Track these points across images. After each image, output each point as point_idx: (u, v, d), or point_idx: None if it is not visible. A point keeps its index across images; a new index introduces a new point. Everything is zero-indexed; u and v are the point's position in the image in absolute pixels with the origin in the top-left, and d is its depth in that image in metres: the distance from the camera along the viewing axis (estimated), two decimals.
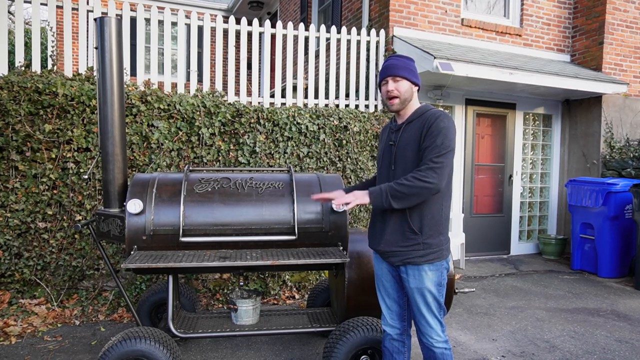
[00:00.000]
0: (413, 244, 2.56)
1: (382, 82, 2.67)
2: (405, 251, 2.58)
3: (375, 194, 2.52)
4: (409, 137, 2.62)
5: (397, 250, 2.61)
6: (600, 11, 7.71)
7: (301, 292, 5.52)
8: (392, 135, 2.72)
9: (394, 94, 2.61)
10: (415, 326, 2.72)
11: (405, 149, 2.61)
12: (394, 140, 2.68)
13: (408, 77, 2.62)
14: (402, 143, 2.63)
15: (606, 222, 6.65)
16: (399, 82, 2.61)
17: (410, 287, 2.61)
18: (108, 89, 3.46)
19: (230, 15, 7.30)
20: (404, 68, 2.62)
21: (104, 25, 3.40)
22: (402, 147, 2.63)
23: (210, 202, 3.43)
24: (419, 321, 2.66)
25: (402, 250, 2.59)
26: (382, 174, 2.76)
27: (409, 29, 6.92)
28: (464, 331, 4.58)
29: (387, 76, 2.62)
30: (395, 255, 2.62)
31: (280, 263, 3.22)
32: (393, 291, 2.79)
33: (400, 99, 2.62)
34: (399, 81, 2.61)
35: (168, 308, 3.39)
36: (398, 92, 2.61)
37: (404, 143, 2.62)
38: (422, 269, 2.56)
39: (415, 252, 2.56)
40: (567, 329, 4.70)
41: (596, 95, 7.64)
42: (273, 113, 5.53)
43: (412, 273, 2.59)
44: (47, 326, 4.43)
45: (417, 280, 2.58)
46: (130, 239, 3.31)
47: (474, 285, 6.16)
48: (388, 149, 2.73)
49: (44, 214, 4.74)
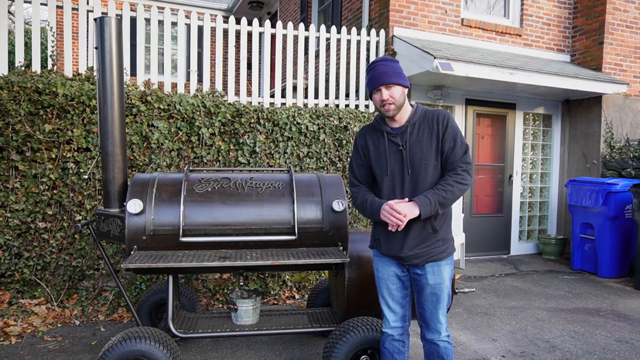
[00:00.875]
0: (434, 241, 2.63)
1: (375, 90, 2.64)
2: (428, 250, 2.62)
3: (424, 205, 2.51)
4: (420, 138, 2.61)
5: (420, 252, 2.62)
6: (600, 11, 7.71)
7: (301, 292, 5.52)
8: (395, 140, 2.66)
9: (390, 101, 2.59)
10: (423, 323, 2.74)
11: (421, 151, 2.60)
12: (402, 144, 2.64)
13: (400, 82, 2.61)
14: (414, 146, 2.61)
15: (606, 222, 6.65)
16: (392, 89, 2.59)
17: (428, 285, 2.64)
18: (108, 89, 3.46)
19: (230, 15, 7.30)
20: (395, 74, 2.60)
21: (104, 25, 3.41)
22: (416, 150, 2.61)
23: (210, 202, 3.44)
24: (429, 318, 2.69)
25: (425, 250, 2.62)
26: (394, 181, 2.67)
27: (409, 29, 6.92)
28: (464, 331, 4.58)
29: (380, 85, 2.60)
30: (419, 256, 2.63)
31: (280, 263, 3.22)
32: (397, 293, 2.78)
33: (396, 104, 2.61)
34: (392, 88, 2.59)
35: (168, 308, 3.39)
36: (393, 99, 2.59)
37: (418, 145, 2.61)
38: (441, 264, 2.65)
39: (437, 249, 2.63)
40: (567, 329, 4.70)
41: (596, 95, 7.64)
42: (273, 113, 5.53)
43: (432, 270, 2.63)
44: (47, 326, 4.43)
45: (437, 276, 2.63)
46: (130, 239, 3.31)
47: (474, 285, 6.16)
48: (395, 154, 2.66)
49: (44, 214, 4.74)
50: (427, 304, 2.67)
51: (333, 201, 3.56)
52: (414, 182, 2.61)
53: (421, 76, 6.38)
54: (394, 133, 2.68)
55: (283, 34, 6.32)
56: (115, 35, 3.45)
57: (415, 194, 2.60)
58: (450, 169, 2.60)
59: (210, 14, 8.64)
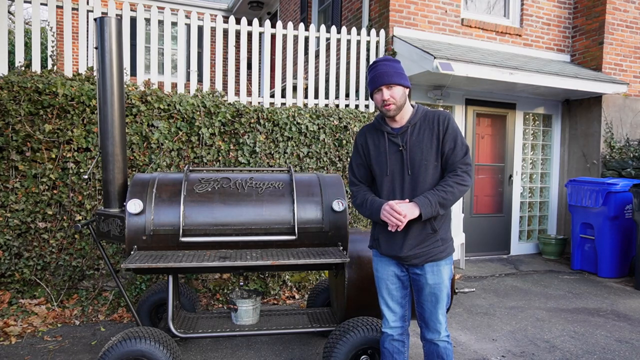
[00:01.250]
0: (433, 241, 2.64)
1: (376, 90, 2.66)
2: (427, 250, 2.63)
3: (424, 205, 2.51)
4: (421, 139, 2.62)
5: (420, 252, 2.63)
6: (600, 11, 7.71)
7: (301, 292, 5.52)
8: (395, 140, 2.67)
9: (391, 101, 2.61)
10: (423, 323, 2.74)
11: (421, 152, 2.61)
12: (402, 144, 2.65)
13: (401, 82, 2.62)
14: (415, 146, 2.62)
15: (606, 222, 6.65)
16: (393, 89, 2.61)
17: (428, 284, 2.65)
18: (108, 89, 3.47)
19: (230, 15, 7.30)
20: (396, 74, 2.62)
21: (104, 25, 3.41)
22: (416, 151, 2.62)
23: (210, 202, 3.44)
24: (429, 317, 2.70)
25: (425, 250, 2.63)
26: (394, 182, 2.67)
27: (409, 29, 6.92)
28: (464, 331, 4.58)
29: (382, 85, 2.61)
30: (418, 256, 2.63)
31: (280, 263, 3.23)
32: (397, 293, 2.78)
33: (397, 104, 2.62)
34: (393, 88, 2.61)
35: (168, 308, 3.39)
36: (394, 99, 2.61)
37: (418, 146, 2.61)
38: (440, 264, 2.66)
39: (436, 249, 2.64)
40: (567, 329, 4.70)
41: (596, 95, 7.65)
42: (273, 113, 5.53)
43: (431, 270, 2.64)
44: (47, 326, 4.43)
45: (436, 276, 2.64)
46: (130, 239, 3.32)
47: (474, 285, 6.17)
48: (395, 154, 2.67)
49: (44, 214, 4.75)
50: (426, 303, 2.68)
51: (333, 201, 3.56)
52: (414, 183, 2.62)
53: (421, 76, 6.38)
54: (394, 133, 2.68)
55: (283, 34, 6.33)
56: (115, 35, 3.46)
57: (414, 194, 2.60)
58: (451, 170, 2.60)
59: (210, 14, 8.65)
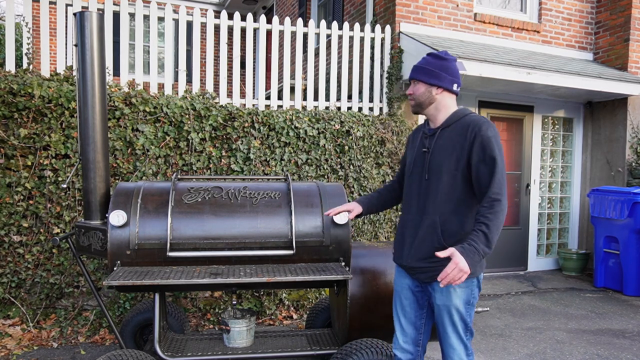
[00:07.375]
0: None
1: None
2: (434, 267, 2.57)
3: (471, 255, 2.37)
4: (445, 144, 2.63)
5: (425, 266, 2.63)
6: (625, 5, 7.76)
7: (299, 311, 5.52)
8: (425, 141, 2.73)
9: (412, 97, 2.72)
10: (441, 348, 2.73)
11: (440, 157, 2.63)
12: (428, 146, 2.70)
13: (423, 79, 2.67)
14: (437, 150, 2.65)
15: (632, 235, 6.66)
16: (416, 85, 2.71)
17: (436, 304, 2.64)
18: (89, 90, 3.49)
19: (222, 10, 7.35)
20: (421, 70, 2.69)
21: (84, 21, 3.44)
22: (437, 155, 2.65)
23: (200, 213, 3.45)
24: (442, 342, 2.69)
25: (431, 266, 2.60)
26: (413, 185, 2.75)
27: (417, 24, 6.97)
28: (477, 354, 4.58)
29: (410, 78, 2.75)
30: (424, 271, 2.64)
31: (276, 280, 3.23)
32: (411, 310, 2.79)
33: (416, 101, 2.71)
34: (417, 84, 2.70)
35: (154, 329, 3.40)
36: (414, 95, 2.71)
37: (440, 151, 2.64)
38: (450, 285, 2.52)
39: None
40: (590, 351, 4.70)
41: (621, 97, 7.68)
42: (269, 116, 5.56)
43: (439, 289, 2.61)
44: (22, 349, 4.43)
45: (445, 297, 2.60)
46: (113, 254, 3.33)
47: (488, 304, 6.16)
48: (421, 156, 2.73)
49: (18, 227, 4.75)
50: (439, 325, 2.68)
51: None
52: (427, 189, 2.66)
53: None
54: (427, 134, 2.75)
55: (280, 30, 6.36)
56: (96, 32, 3.48)
57: (427, 202, 2.64)
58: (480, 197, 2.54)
59: (200, 8, 8.70)
